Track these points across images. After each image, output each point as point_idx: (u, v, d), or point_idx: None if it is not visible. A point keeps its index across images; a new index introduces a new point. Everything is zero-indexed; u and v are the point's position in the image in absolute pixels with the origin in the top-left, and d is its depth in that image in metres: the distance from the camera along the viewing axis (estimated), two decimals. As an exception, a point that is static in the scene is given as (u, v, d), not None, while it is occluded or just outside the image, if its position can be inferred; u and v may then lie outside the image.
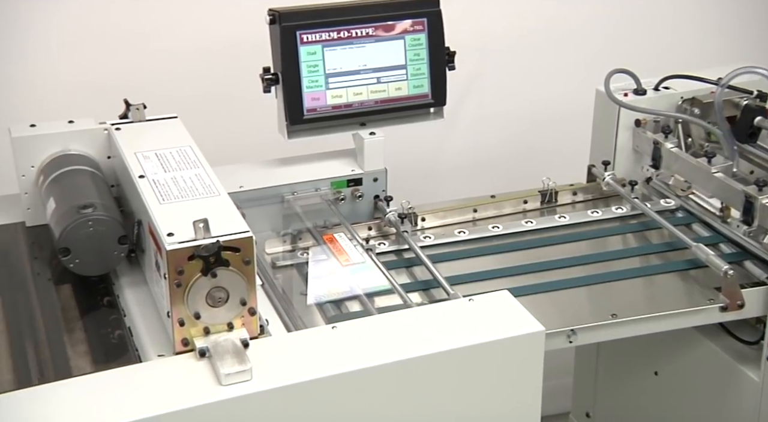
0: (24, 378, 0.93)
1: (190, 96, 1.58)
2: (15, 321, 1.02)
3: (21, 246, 1.15)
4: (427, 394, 0.95)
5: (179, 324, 0.93)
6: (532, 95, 1.81)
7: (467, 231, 1.33)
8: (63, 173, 1.14)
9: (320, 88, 1.30)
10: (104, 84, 1.53)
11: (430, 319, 1.00)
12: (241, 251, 0.94)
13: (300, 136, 1.32)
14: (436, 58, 1.33)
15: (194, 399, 0.87)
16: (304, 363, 0.92)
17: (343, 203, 1.34)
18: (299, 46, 1.27)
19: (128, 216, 1.11)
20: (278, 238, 1.29)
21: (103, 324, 1.03)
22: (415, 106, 1.35)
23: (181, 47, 1.59)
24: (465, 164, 1.81)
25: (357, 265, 1.21)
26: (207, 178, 1.06)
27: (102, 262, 1.06)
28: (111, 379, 0.89)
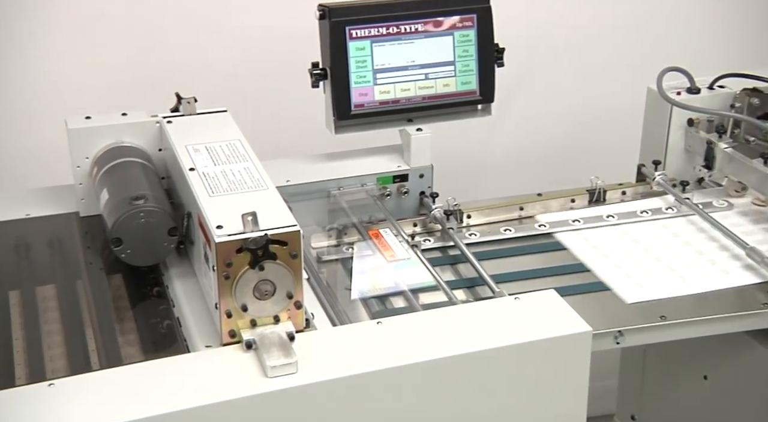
0: (76, 365, 0.95)
1: (240, 90, 1.59)
2: (68, 309, 1.04)
3: (75, 235, 1.18)
4: (471, 392, 0.95)
5: (227, 316, 0.94)
6: (581, 93, 1.79)
7: (513, 230, 1.32)
8: (116, 165, 1.16)
9: (368, 83, 1.30)
10: (156, 77, 1.56)
11: (476, 317, 0.99)
12: (288, 245, 0.94)
13: (347, 131, 1.32)
14: (485, 54, 1.32)
15: (240, 391, 0.88)
16: (349, 358, 0.92)
17: (389, 199, 1.35)
18: (348, 41, 1.27)
19: (178, 208, 1.12)
20: (324, 233, 1.30)
21: (152, 313, 1.04)
22: (462, 103, 1.35)
23: (232, 41, 1.61)
24: (511, 162, 1.80)
25: (402, 261, 1.21)
26: (256, 171, 1.07)
27: (152, 253, 1.08)
28: (160, 368, 0.91)
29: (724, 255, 1.25)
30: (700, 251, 1.26)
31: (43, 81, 1.54)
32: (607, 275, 1.20)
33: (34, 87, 1.54)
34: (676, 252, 1.26)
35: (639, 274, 1.21)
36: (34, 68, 1.54)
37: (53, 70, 1.54)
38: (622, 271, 1.21)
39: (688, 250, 1.27)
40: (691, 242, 1.29)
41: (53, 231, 1.18)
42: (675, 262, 1.23)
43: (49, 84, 1.54)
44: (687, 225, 1.33)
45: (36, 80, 1.54)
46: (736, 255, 1.24)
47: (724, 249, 1.26)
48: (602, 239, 1.29)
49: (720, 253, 1.26)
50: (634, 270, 1.22)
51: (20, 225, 1.19)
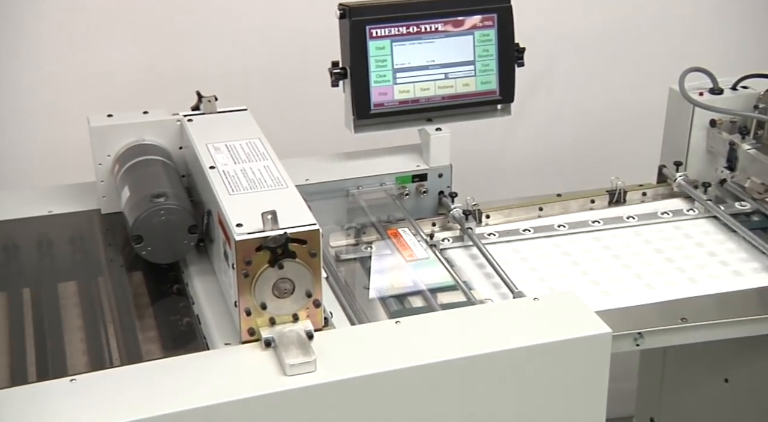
0: (97, 361, 0.96)
1: (260, 88, 1.60)
2: (89, 306, 1.05)
3: (96, 232, 1.19)
4: (489, 392, 0.95)
5: (246, 314, 0.94)
6: (602, 93, 1.78)
7: (532, 230, 1.32)
8: (137, 162, 1.17)
9: (388, 82, 1.30)
10: (178, 75, 1.57)
11: (495, 317, 0.99)
12: (307, 243, 0.94)
13: (366, 130, 1.32)
14: (505, 54, 1.32)
15: (259, 389, 0.88)
16: (368, 357, 0.93)
17: (408, 198, 1.34)
18: (368, 40, 1.27)
19: (198, 206, 1.13)
20: (342, 232, 1.30)
21: (172, 311, 1.05)
22: (482, 103, 1.34)
23: (253, 40, 1.61)
24: (531, 162, 1.80)
25: (421, 261, 1.21)
26: (275, 170, 1.07)
27: (172, 251, 1.09)
28: (180, 365, 0.91)
29: (743, 257, 1.24)
30: (711, 252, 1.25)
31: (65, 79, 1.55)
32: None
33: (57, 85, 1.56)
34: (688, 253, 1.25)
35: (649, 275, 1.20)
36: (57, 66, 1.55)
37: (75, 68, 1.56)
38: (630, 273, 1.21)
39: (701, 251, 1.25)
40: (704, 243, 1.28)
41: (75, 228, 1.19)
42: (686, 263, 1.22)
43: (71, 82, 1.56)
44: (707, 227, 1.32)
45: (58, 78, 1.55)
46: (756, 258, 1.23)
47: (744, 251, 1.25)
48: (614, 240, 1.28)
49: (739, 255, 1.24)
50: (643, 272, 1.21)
51: (43, 221, 1.20)
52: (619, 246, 1.27)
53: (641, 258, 1.25)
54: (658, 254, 1.26)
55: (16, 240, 1.15)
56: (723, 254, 1.25)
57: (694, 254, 1.25)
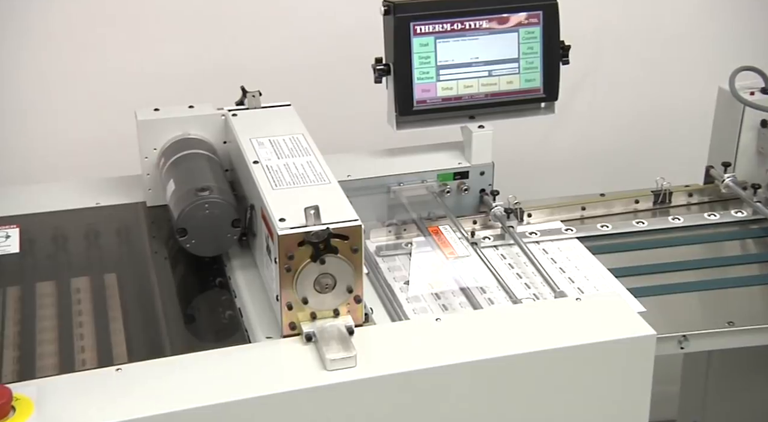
0: (140, 352, 0.97)
1: (303, 84, 1.61)
2: (134, 297, 1.07)
3: (141, 225, 1.21)
4: (530, 393, 0.94)
5: (287, 308, 0.95)
6: (647, 91, 1.75)
7: (574, 229, 1.31)
8: (182, 156, 1.18)
9: (431, 79, 1.30)
10: (222, 70, 1.58)
11: (536, 316, 0.98)
12: (349, 239, 0.95)
13: (409, 127, 1.32)
14: (550, 51, 1.31)
15: (299, 383, 0.88)
16: (408, 354, 0.92)
17: (449, 196, 1.34)
18: (412, 37, 1.27)
19: (241, 201, 1.14)
20: (383, 228, 1.30)
21: (215, 303, 1.06)
22: (526, 101, 1.33)
23: (297, 36, 1.62)
24: (574, 161, 1.78)
25: (462, 258, 1.21)
26: (318, 165, 1.08)
27: (216, 244, 1.10)
28: (222, 357, 0.92)
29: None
30: (760, 254, 1.23)
31: (113, 73, 1.58)
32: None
33: (105, 79, 1.58)
34: (736, 254, 1.22)
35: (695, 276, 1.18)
36: (105, 61, 1.58)
37: (123, 62, 1.58)
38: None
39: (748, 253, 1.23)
40: (749, 247, 1.25)
41: (121, 220, 1.21)
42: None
43: (119, 76, 1.58)
44: (756, 229, 1.30)
45: (107, 73, 1.58)
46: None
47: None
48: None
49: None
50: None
51: (90, 213, 1.22)
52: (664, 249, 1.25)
53: (687, 258, 1.23)
54: (704, 256, 1.23)
55: (64, 231, 1.18)
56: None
57: (741, 256, 1.23)
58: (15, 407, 0.81)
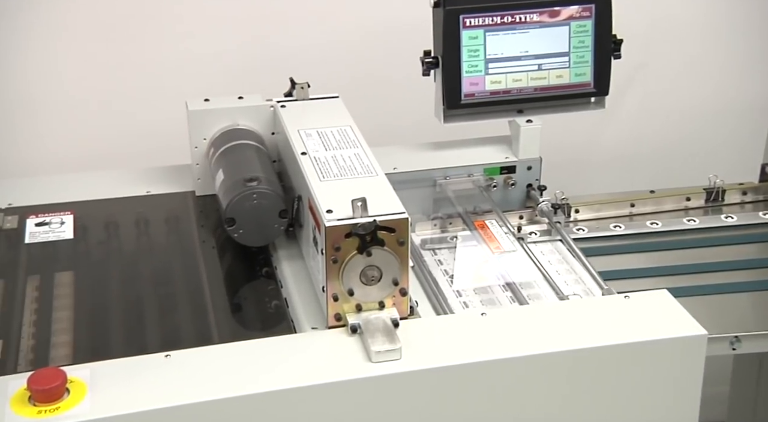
0: (188, 339, 0.99)
1: (351, 76, 1.61)
2: (183, 285, 1.08)
3: (190, 214, 1.22)
4: (575, 391, 0.93)
5: (333, 300, 0.96)
6: (701, 87, 1.72)
7: (623, 226, 1.29)
8: (231, 147, 1.19)
9: (480, 73, 1.29)
10: (272, 62, 1.59)
11: (583, 313, 0.97)
12: (396, 232, 0.95)
13: (456, 120, 1.32)
14: (602, 45, 1.29)
15: (344, 374, 0.89)
16: (453, 347, 0.92)
17: (495, 190, 1.33)
18: (461, 30, 1.26)
19: (288, 192, 1.15)
20: (428, 222, 1.30)
21: (261, 293, 1.07)
22: (575, 95, 1.32)
23: (345, 28, 1.63)
24: (623, 157, 1.75)
25: (508, 253, 1.20)
26: (366, 157, 1.08)
27: (263, 234, 1.11)
28: (267, 347, 0.93)
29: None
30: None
31: (164, 64, 1.60)
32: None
33: (156, 70, 1.61)
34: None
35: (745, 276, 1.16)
36: (156, 52, 1.60)
37: (173, 53, 1.60)
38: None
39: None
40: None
41: (170, 208, 1.23)
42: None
43: (170, 67, 1.60)
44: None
45: (157, 63, 1.60)
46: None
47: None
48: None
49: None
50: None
51: (141, 201, 1.24)
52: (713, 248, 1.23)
53: (740, 258, 1.20)
54: (758, 255, 1.21)
55: (116, 218, 1.20)
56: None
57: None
58: (69, 389, 0.83)
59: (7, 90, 1.57)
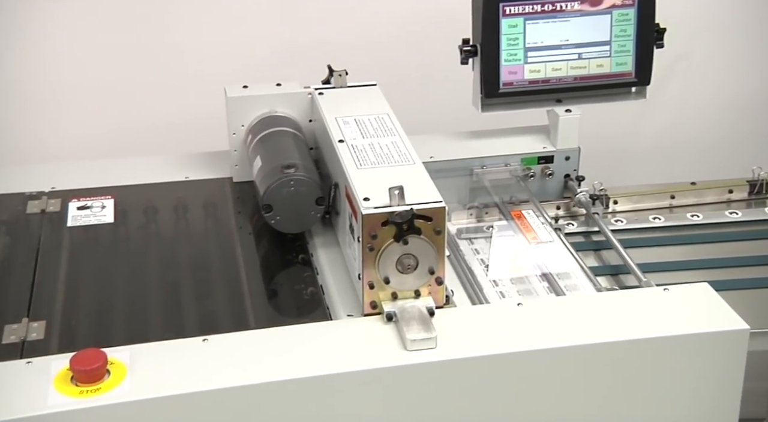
0: (225, 324, 1.00)
1: (389, 64, 1.61)
2: (220, 270, 1.09)
3: (228, 200, 1.23)
4: (612, 384, 0.92)
5: (369, 287, 0.96)
6: (743, 77, 1.68)
7: (663, 218, 1.27)
8: (269, 133, 1.20)
9: (518, 61, 1.27)
10: (310, 49, 1.60)
11: (621, 305, 0.96)
12: (433, 220, 0.95)
13: (494, 109, 1.31)
14: (644, 34, 1.27)
15: (379, 362, 0.89)
16: (489, 337, 0.92)
17: (532, 180, 1.32)
18: (501, 18, 1.25)
19: (325, 179, 1.15)
20: (464, 211, 1.29)
21: (297, 280, 1.07)
22: (616, 85, 1.30)
23: (384, 16, 1.62)
24: (663, 148, 1.72)
25: (544, 244, 1.19)
26: (403, 146, 1.08)
27: (299, 221, 1.11)
28: (304, 333, 0.94)
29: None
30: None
31: (202, 50, 1.61)
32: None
33: (194, 56, 1.62)
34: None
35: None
36: (194, 38, 1.61)
37: (213, 40, 1.61)
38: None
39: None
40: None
41: (208, 194, 1.24)
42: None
43: (209, 53, 1.61)
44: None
45: (195, 49, 1.62)
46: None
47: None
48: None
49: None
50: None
51: (179, 187, 1.25)
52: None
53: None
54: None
55: (155, 203, 1.21)
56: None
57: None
58: (110, 371, 0.85)
59: (50, 75, 1.60)
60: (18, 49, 1.57)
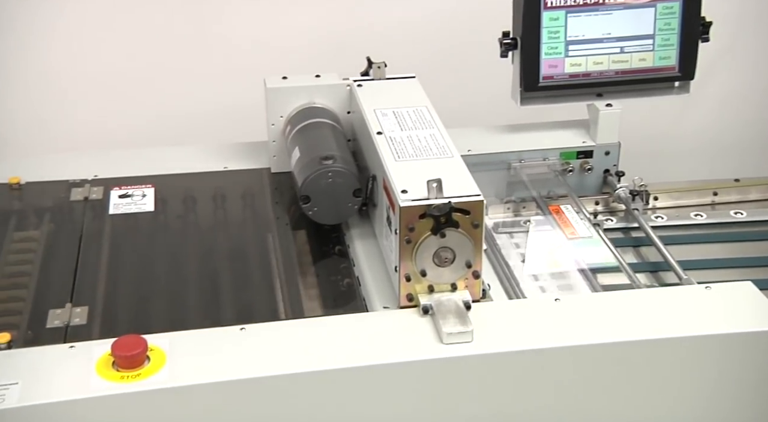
0: (263, 313, 1.00)
1: (427, 56, 1.60)
2: (258, 260, 1.10)
3: (265, 190, 1.24)
4: (649, 382, 0.91)
5: (405, 280, 0.96)
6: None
7: (704, 215, 1.25)
8: (308, 125, 1.20)
9: (559, 55, 1.26)
10: (348, 40, 1.60)
11: (662, 303, 0.95)
12: (471, 214, 0.94)
13: (533, 103, 1.29)
14: (690, 28, 1.24)
15: (415, 354, 0.89)
16: (526, 332, 0.91)
17: (571, 175, 1.31)
18: (542, 11, 1.24)
19: (362, 171, 1.15)
20: (501, 205, 1.29)
21: (333, 271, 1.08)
22: (659, 79, 1.28)
23: (421, 7, 1.61)
24: (705, 144, 1.69)
25: (583, 239, 1.18)
26: (441, 138, 1.07)
27: (337, 212, 1.12)
28: (340, 324, 0.94)
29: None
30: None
31: (242, 41, 1.62)
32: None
33: (234, 47, 1.63)
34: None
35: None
36: (235, 29, 1.62)
37: (253, 31, 1.62)
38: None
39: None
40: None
41: (246, 184, 1.25)
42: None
43: (248, 44, 1.62)
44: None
45: (235, 40, 1.63)
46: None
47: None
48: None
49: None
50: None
51: (218, 176, 1.26)
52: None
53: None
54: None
55: (194, 193, 1.23)
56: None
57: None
58: (150, 357, 0.86)
59: (94, 65, 1.62)
60: (61, 39, 1.60)
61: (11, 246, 1.10)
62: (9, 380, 0.83)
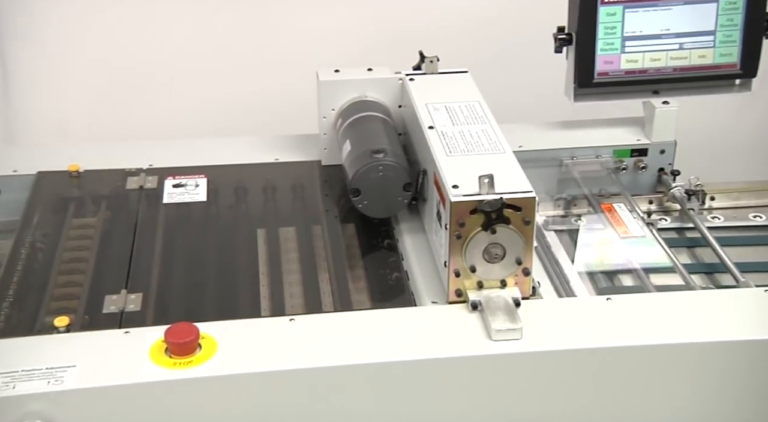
0: (311, 305, 1.01)
1: (480, 51, 1.59)
2: (306, 252, 1.11)
3: (315, 183, 1.24)
4: (703, 384, 0.89)
5: (455, 275, 0.95)
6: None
7: (764, 217, 1.22)
8: (359, 118, 1.20)
9: (615, 51, 1.24)
10: (401, 34, 1.59)
11: (717, 304, 0.93)
12: (522, 210, 0.93)
13: (587, 99, 1.28)
14: (754, 24, 1.21)
15: (463, 350, 0.89)
16: (575, 331, 0.90)
17: (624, 173, 1.29)
18: (599, 6, 1.22)
19: (412, 165, 1.15)
20: (551, 202, 1.27)
21: (382, 264, 1.08)
22: (719, 76, 1.25)
23: (475, 2, 1.60)
24: (765, 143, 1.65)
25: (636, 239, 1.16)
26: (493, 134, 1.07)
27: (386, 206, 1.12)
28: (388, 318, 0.94)
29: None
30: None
31: (295, 34, 1.63)
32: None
33: (287, 39, 1.64)
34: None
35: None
36: (288, 22, 1.63)
37: (306, 24, 1.63)
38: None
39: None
40: None
41: (297, 176, 1.26)
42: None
43: (300, 37, 1.63)
44: None
45: (288, 33, 1.63)
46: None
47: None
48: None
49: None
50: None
51: (269, 168, 1.27)
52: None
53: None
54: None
55: (245, 184, 1.24)
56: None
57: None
58: (201, 345, 0.87)
59: (152, 56, 1.65)
60: (121, 29, 1.63)
61: (70, 233, 1.12)
62: (67, 362, 0.86)
